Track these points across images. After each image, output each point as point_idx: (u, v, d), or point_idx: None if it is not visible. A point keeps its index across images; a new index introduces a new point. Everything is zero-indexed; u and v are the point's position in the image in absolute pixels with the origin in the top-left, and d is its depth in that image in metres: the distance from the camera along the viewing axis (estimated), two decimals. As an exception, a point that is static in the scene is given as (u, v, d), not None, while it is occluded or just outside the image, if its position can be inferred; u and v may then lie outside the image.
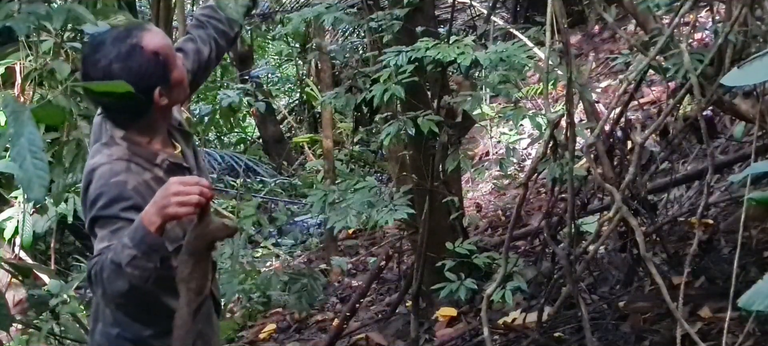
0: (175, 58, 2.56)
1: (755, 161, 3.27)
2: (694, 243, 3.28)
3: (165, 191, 2.28)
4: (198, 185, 2.28)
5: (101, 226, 2.40)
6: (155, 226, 2.27)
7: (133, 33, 2.49)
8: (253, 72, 11.37)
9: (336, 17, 4.31)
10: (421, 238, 4.44)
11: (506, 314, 4.58)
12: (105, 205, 2.39)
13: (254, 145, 12.33)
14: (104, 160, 2.46)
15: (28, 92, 4.26)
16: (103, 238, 2.37)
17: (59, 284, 4.09)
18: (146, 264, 2.28)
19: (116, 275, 2.27)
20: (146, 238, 2.26)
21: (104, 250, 2.33)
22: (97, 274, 2.31)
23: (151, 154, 2.53)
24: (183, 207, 2.26)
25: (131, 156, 2.48)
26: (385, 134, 3.96)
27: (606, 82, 8.03)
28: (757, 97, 3.81)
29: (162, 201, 2.27)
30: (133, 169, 2.46)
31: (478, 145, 8.25)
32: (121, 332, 2.57)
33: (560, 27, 3.32)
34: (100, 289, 2.34)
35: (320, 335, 5.54)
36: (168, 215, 2.27)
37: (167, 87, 2.50)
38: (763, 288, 1.90)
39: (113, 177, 2.42)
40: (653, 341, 3.93)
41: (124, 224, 2.35)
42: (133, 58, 2.45)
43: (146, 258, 2.27)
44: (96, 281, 2.32)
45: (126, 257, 2.25)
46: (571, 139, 3.44)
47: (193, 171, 2.62)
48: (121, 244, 2.28)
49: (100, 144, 2.53)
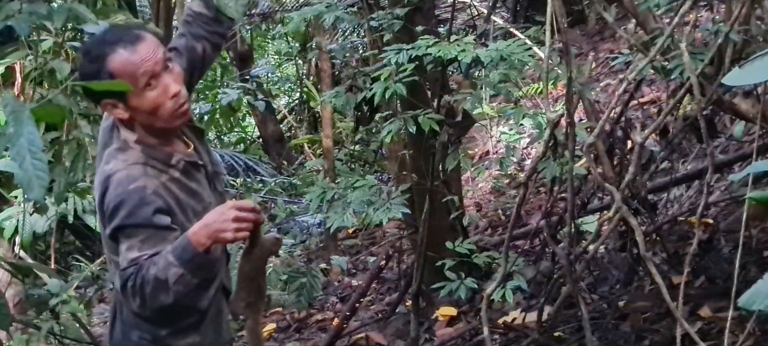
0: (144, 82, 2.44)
1: (756, 160, 3.27)
2: (694, 243, 3.27)
3: (221, 215, 2.32)
4: (253, 210, 2.34)
5: (128, 235, 2.38)
6: (204, 247, 2.31)
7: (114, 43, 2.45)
8: (253, 71, 11.36)
9: (336, 16, 4.31)
10: (421, 237, 4.44)
11: (506, 313, 4.59)
12: (129, 213, 2.37)
13: (254, 144, 12.32)
14: (120, 166, 2.43)
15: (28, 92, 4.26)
16: (132, 247, 2.36)
17: (59, 284, 4.09)
18: (192, 281, 2.34)
19: (160, 291, 2.31)
20: (195, 258, 2.31)
21: (139, 261, 2.33)
22: (138, 287, 2.32)
23: (167, 156, 2.51)
24: (241, 232, 2.33)
25: (147, 159, 2.46)
26: (386, 132, 3.96)
27: (606, 81, 8.03)
28: (757, 97, 3.82)
29: (218, 225, 2.31)
30: (150, 173, 2.44)
31: (477, 144, 8.25)
32: (141, 334, 2.57)
33: (560, 26, 3.32)
34: (138, 301, 2.35)
35: (320, 334, 5.54)
36: (224, 239, 2.33)
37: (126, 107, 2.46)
38: (763, 288, 1.90)
39: (131, 183, 2.39)
40: (653, 341, 3.93)
41: (152, 231, 2.36)
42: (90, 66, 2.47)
43: (193, 276, 2.33)
44: (135, 292, 2.34)
45: (173, 275, 2.30)
46: (571, 139, 3.43)
47: (207, 167, 2.63)
48: (166, 261, 2.30)
49: (114, 149, 2.49)
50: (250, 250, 2.44)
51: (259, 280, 2.50)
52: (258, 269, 2.48)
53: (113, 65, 2.43)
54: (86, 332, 4.38)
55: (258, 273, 2.48)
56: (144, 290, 2.32)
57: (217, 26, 2.83)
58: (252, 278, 2.47)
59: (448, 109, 4.18)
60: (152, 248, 2.34)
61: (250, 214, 2.34)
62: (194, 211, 2.50)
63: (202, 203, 2.55)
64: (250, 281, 2.47)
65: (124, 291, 2.36)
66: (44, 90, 4.34)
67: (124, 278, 2.35)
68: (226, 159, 9.96)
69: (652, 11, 3.80)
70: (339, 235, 7.13)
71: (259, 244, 2.43)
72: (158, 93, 2.46)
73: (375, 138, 9.00)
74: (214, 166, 2.70)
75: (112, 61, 2.42)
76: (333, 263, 6.62)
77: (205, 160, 2.64)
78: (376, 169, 9.60)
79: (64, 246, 7.44)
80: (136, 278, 2.32)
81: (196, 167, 2.58)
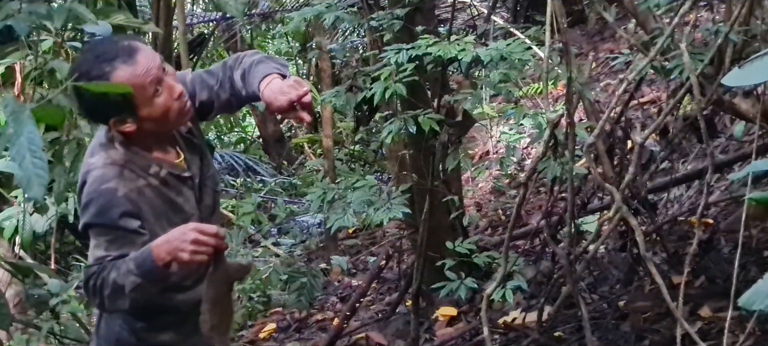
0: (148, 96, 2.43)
1: (755, 160, 3.27)
2: (694, 242, 3.27)
3: (182, 234, 2.33)
4: (216, 236, 2.34)
5: (96, 234, 2.43)
6: (164, 262, 2.33)
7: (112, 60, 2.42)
8: (253, 71, 11.32)
9: (336, 16, 4.31)
10: (421, 237, 4.44)
11: (506, 313, 4.58)
12: (96, 213, 2.42)
13: (254, 144, 12.32)
14: (99, 164, 2.46)
15: (28, 92, 4.25)
16: (99, 246, 2.41)
17: (59, 284, 4.09)
18: (149, 289, 2.38)
19: (118, 296, 2.36)
20: (153, 272, 2.33)
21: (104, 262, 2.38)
22: (97, 288, 2.37)
23: (147, 163, 2.51)
24: (197, 256, 2.33)
25: (126, 162, 2.47)
26: (387, 132, 3.96)
27: (606, 81, 8.03)
28: (757, 97, 3.82)
29: (177, 243, 2.32)
30: (126, 176, 2.45)
31: (477, 144, 8.25)
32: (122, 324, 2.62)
33: (560, 26, 3.32)
34: (97, 300, 2.41)
35: (320, 334, 5.54)
36: (180, 259, 2.33)
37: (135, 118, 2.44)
38: (763, 288, 1.90)
39: (104, 184, 2.42)
40: (653, 341, 3.93)
41: (119, 233, 2.40)
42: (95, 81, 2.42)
43: (150, 286, 2.37)
44: (95, 292, 2.39)
45: (130, 283, 2.33)
46: (570, 139, 3.43)
47: (194, 179, 2.60)
48: (127, 268, 2.34)
49: (100, 143, 2.52)
50: (213, 274, 2.43)
51: (223, 304, 2.47)
52: (221, 293, 2.46)
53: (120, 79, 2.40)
54: (86, 331, 4.38)
55: (222, 297, 2.47)
56: (102, 292, 2.37)
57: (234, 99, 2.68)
58: (216, 301, 2.45)
59: (448, 109, 4.18)
60: (118, 249, 2.39)
61: (211, 239, 2.33)
62: (170, 221, 2.49)
63: (182, 214, 2.54)
64: (214, 304, 2.45)
65: (86, 288, 2.42)
66: (44, 90, 4.34)
67: (87, 275, 2.41)
68: (226, 159, 9.97)
69: (652, 11, 3.80)
70: (339, 235, 7.13)
71: (223, 269, 2.42)
72: (166, 97, 2.46)
73: (375, 138, 9.01)
74: (205, 180, 2.66)
75: (117, 79, 2.39)
76: (333, 263, 6.62)
77: (194, 172, 2.62)
78: (376, 169, 9.60)
79: (64, 246, 7.43)
80: (98, 279, 2.37)
81: (181, 180, 2.57)
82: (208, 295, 2.44)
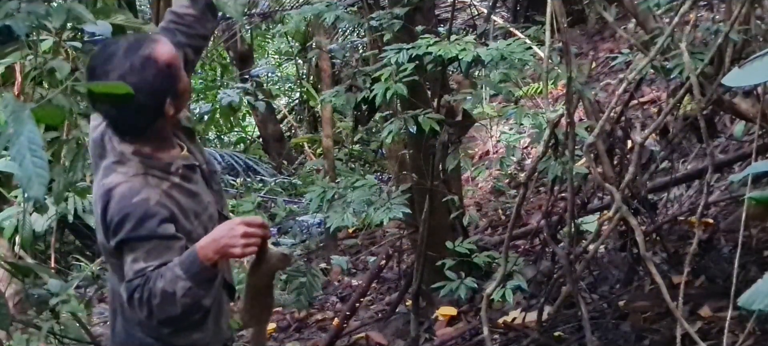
0: (181, 68, 2.53)
1: (755, 160, 3.27)
2: (694, 242, 3.28)
3: (230, 230, 2.34)
4: (262, 226, 2.36)
5: (132, 248, 2.37)
6: (212, 261, 2.33)
7: (145, 44, 2.45)
8: (253, 71, 11.36)
9: (336, 16, 4.31)
10: (421, 237, 4.44)
11: (506, 313, 4.59)
12: (133, 227, 2.36)
13: (254, 144, 12.32)
14: (121, 179, 2.42)
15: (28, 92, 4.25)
16: (137, 259, 2.36)
17: (59, 284, 4.08)
18: (200, 293, 2.35)
19: (168, 304, 2.32)
20: (203, 272, 2.32)
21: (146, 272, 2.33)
22: (145, 299, 2.33)
23: (165, 164, 2.50)
24: (249, 248, 2.35)
25: (146, 170, 2.45)
26: (387, 132, 3.96)
27: (606, 81, 8.03)
28: (757, 97, 3.82)
29: (226, 240, 2.32)
30: (151, 183, 2.43)
31: (477, 144, 8.25)
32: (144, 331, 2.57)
33: (560, 26, 3.32)
34: (145, 312, 2.35)
35: (320, 334, 5.54)
36: (231, 254, 2.35)
37: (176, 97, 2.48)
38: (763, 287, 1.90)
39: (134, 196, 2.39)
40: (653, 340, 3.93)
41: (156, 242, 2.37)
42: (147, 71, 2.42)
43: (201, 288, 2.34)
44: (141, 304, 2.34)
45: (181, 289, 2.31)
46: (571, 139, 3.43)
47: (202, 166, 2.63)
48: (174, 274, 2.31)
49: (112, 162, 2.47)
50: (258, 265, 2.45)
51: (266, 294, 2.51)
52: (265, 283, 2.49)
53: (164, 57, 2.44)
54: (86, 331, 4.37)
55: (265, 287, 2.50)
56: (151, 303, 2.32)
57: (200, 27, 2.77)
58: (259, 291, 2.48)
59: (448, 109, 4.18)
60: (157, 258, 2.35)
61: (259, 229, 2.36)
62: (195, 213, 2.50)
63: (202, 203, 2.55)
64: (257, 294, 2.49)
65: (130, 302, 2.36)
66: (44, 90, 4.33)
67: (130, 289, 2.35)
68: (226, 159, 9.96)
69: (652, 11, 3.80)
70: (339, 234, 7.13)
71: (266, 259, 2.44)
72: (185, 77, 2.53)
73: (375, 138, 9.02)
74: (209, 166, 2.69)
75: (163, 54, 2.44)
76: (333, 262, 6.62)
77: (200, 159, 2.64)
78: (376, 169, 9.60)
79: (64, 246, 7.43)
80: (143, 291, 2.33)
81: (192, 169, 2.57)
82: (250, 286, 2.46)
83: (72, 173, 3.76)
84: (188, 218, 2.47)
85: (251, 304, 2.49)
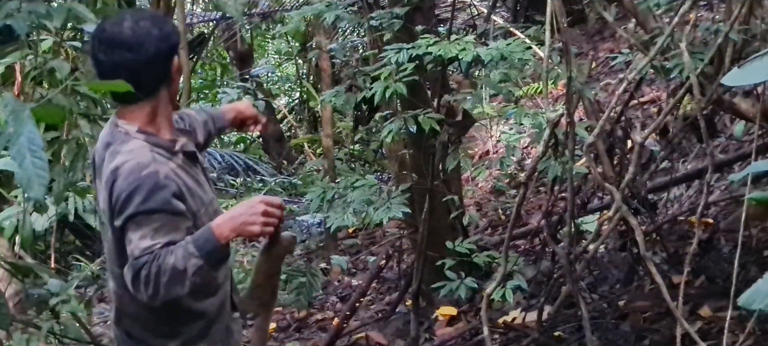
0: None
1: (755, 160, 3.27)
2: (694, 242, 3.28)
3: (251, 208, 2.32)
4: (281, 207, 2.36)
5: (139, 224, 2.29)
6: (227, 240, 2.30)
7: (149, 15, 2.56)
8: (253, 71, 11.38)
9: (336, 16, 4.31)
10: (421, 237, 4.44)
11: (506, 313, 4.59)
12: (144, 199, 2.29)
13: (254, 144, 12.33)
14: (127, 158, 2.36)
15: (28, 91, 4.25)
16: (145, 236, 2.28)
17: (59, 284, 4.08)
18: (210, 273, 2.33)
19: (177, 281, 2.26)
20: (216, 251, 2.29)
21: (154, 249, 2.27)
22: (153, 275, 2.26)
23: (169, 143, 2.47)
24: (268, 228, 2.33)
25: (152, 147, 2.41)
26: (387, 131, 3.96)
27: (606, 81, 8.03)
28: (757, 97, 3.82)
29: (245, 218, 2.30)
30: (158, 159, 2.38)
31: (477, 144, 8.25)
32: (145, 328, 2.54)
33: (560, 26, 3.32)
34: (150, 290, 2.27)
35: (320, 334, 5.54)
36: (250, 232, 2.33)
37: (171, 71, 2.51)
38: (763, 287, 1.90)
39: (143, 170, 2.33)
40: (653, 340, 3.93)
41: (167, 218, 2.30)
42: (160, 22, 2.47)
43: (212, 268, 2.31)
44: (148, 281, 2.26)
45: (192, 266, 2.26)
46: (571, 138, 3.44)
47: (204, 165, 2.62)
48: (186, 251, 2.26)
49: (116, 145, 2.42)
50: (270, 247, 2.44)
51: (274, 279, 2.50)
52: (275, 267, 2.48)
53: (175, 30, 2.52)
54: (86, 331, 4.37)
55: (275, 272, 2.49)
56: (159, 279, 2.25)
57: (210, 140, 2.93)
58: (269, 276, 2.48)
59: (448, 109, 4.18)
60: (166, 236, 2.28)
61: (277, 210, 2.35)
62: (200, 199, 2.47)
63: (207, 194, 2.52)
64: (266, 279, 2.48)
65: (136, 282, 2.28)
66: (44, 90, 4.34)
67: (137, 266, 2.27)
68: (226, 159, 9.97)
69: (652, 11, 3.80)
70: (339, 234, 7.13)
71: (279, 241, 2.43)
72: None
73: (375, 137, 9.01)
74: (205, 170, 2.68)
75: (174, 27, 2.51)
76: (333, 262, 6.62)
77: (201, 159, 2.63)
78: (376, 169, 9.60)
79: (64, 246, 7.43)
80: (151, 267, 2.25)
81: (194, 159, 2.55)
82: (261, 270, 2.46)
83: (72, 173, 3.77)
84: (194, 199, 2.43)
85: (262, 289, 2.48)
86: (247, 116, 2.88)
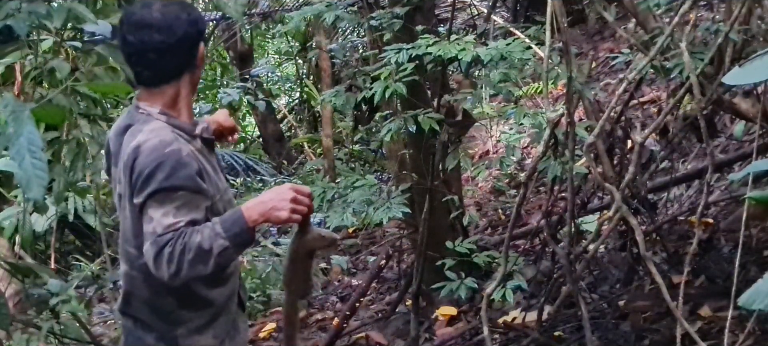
0: None
1: (755, 160, 3.27)
2: (694, 242, 3.28)
3: (280, 194, 2.36)
4: (310, 196, 2.39)
5: (161, 201, 2.28)
6: (255, 224, 2.33)
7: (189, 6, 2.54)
8: (253, 71, 11.36)
9: (336, 16, 4.31)
10: (421, 237, 4.44)
11: (506, 312, 4.59)
12: (167, 176, 2.29)
13: (254, 144, 12.33)
14: (149, 136, 2.36)
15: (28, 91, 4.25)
16: (167, 213, 2.27)
17: (59, 284, 4.08)
18: (234, 256, 2.37)
19: (201, 260, 2.26)
20: (244, 234, 2.31)
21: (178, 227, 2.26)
22: (177, 253, 2.24)
23: (190, 127, 2.48)
24: (296, 214, 2.36)
25: (173, 129, 2.42)
26: (386, 131, 3.96)
27: (606, 81, 8.03)
28: (757, 96, 3.82)
29: (275, 202, 2.34)
30: (180, 140, 2.39)
31: (477, 144, 8.25)
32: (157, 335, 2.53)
33: (560, 26, 3.32)
34: (173, 268, 2.25)
35: (320, 333, 5.54)
36: (277, 218, 2.36)
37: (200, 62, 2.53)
38: (763, 287, 1.90)
39: (167, 147, 2.32)
40: (653, 340, 3.93)
41: (189, 196, 2.30)
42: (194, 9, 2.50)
43: (236, 251, 2.34)
44: (171, 259, 2.25)
45: (218, 246, 2.27)
46: (571, 138, 3.43)
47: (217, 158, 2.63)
48: (214, 232, 2.27)
49: (139, 124, 2.42)
50: (299, 237, 2.48)
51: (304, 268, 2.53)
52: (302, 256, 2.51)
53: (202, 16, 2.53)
54: (86, 331, 4.38)
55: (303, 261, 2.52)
56: (183, 257, 2.24)
57: None
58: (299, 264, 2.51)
59: (448, 109, 4.18)
60: (187, 214, 2.28)
61: (307, 199, 2.38)
62: (217, 186, 2.47)
63: (222, 183, 2.53)
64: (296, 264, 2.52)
65: (158, 258, 2.26)
66: (44, 90, 4.34)
67: (160, 243, 2.25)
68: (226, 159, 9.97)
69: (652, 11, 3.80)
70: (339, 234, 7.13)
71: (307, 232, 2.47)
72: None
73: (375, 137, 9.01)
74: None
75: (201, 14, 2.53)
76: (333, 262, 6.62)
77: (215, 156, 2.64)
78: (376, 169, 9.60)
79: (64, 246, 7.43)
80: (176, 244, 2.24)
81: (211, 146, 2.57)
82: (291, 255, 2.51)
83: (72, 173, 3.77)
84: (211, 183, 2.44)
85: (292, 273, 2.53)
86: (226, 128, 2.85)
